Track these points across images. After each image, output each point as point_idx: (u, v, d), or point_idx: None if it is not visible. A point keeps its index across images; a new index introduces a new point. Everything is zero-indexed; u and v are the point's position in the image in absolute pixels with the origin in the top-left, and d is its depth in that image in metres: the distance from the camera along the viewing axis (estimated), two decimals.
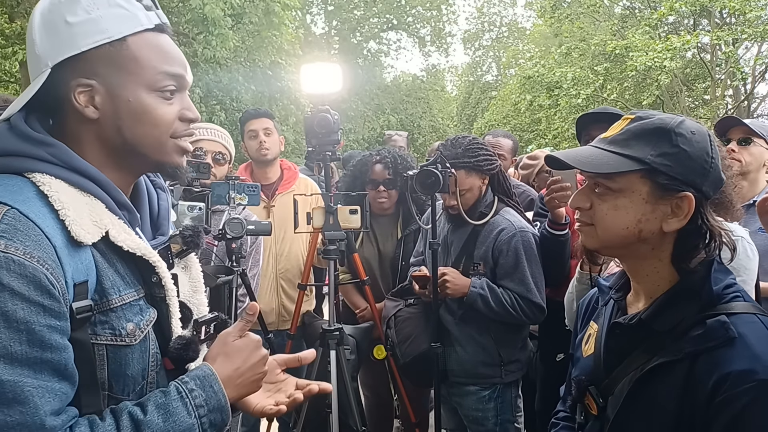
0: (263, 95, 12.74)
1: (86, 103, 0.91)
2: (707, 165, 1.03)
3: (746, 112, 16.65)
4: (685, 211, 1.03)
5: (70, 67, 0.90)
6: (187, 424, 0.89)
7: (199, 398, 0.91)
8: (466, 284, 2.25)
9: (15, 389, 0.77)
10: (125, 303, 0.91)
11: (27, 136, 0.89)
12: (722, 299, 1.02)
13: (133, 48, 0.91)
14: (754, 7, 12.56)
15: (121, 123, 0.92)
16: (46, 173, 0.87)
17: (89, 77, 0.90)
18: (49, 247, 0.81)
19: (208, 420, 0.91)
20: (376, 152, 2.90)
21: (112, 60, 0.90)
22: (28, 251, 0.79)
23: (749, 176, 2.34)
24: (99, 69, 0.90)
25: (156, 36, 0.95)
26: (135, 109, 0.92)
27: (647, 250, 1.07)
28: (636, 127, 1.06)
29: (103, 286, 0.89)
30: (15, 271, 0.77)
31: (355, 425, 2.39)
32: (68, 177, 0.89)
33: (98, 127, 0.92)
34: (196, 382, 0.92)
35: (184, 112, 0.97)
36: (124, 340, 0.90)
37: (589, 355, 1.20)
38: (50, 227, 0.83)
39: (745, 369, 0.92)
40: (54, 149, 0.89)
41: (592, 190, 1.09)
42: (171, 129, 0.96)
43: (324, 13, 26.62)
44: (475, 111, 28.92)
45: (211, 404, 0.92)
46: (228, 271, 2.35)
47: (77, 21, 0.88)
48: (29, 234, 0.80)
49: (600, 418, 1.10)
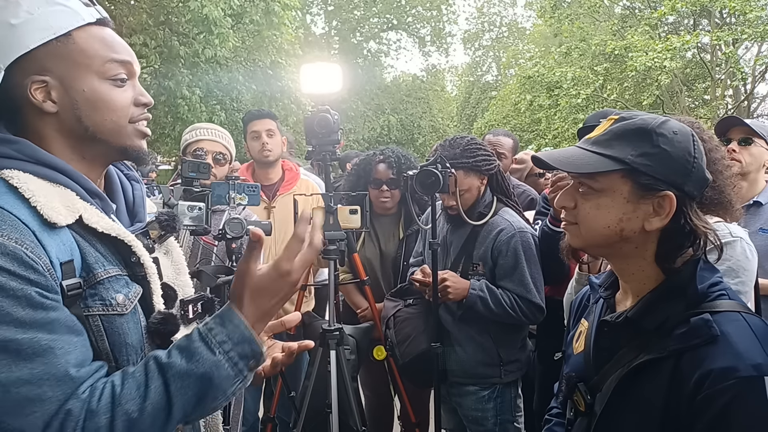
0: (263, 95, 12.73)
1: (43, 98, 0.95)
2: (689, 165, 1.04)
3: (746, 112, 16.64)
4: (667, 210, 1.04)
5: (22, 67, 0.93)
6: (212, 361, 0.89)
7: (220, 335, 0.91)
8: (466, 287, 2.26)
9: (32, 344, 0.80)
10: (111, 276, 0.95)
11: None
12: (707, 297, 1.04)
13: (79, 41, 0.96)
14: (754, 7, 12.56)
15: (80, 113, 0.96)
16: (13, 168, 0.91)
17: (42, 74, 0.94)
18: (26, 230, 0.85)
19: (236, 353, 0.91)
20: (379, 152, 2.90)
21: (61, 54, 0.95)
22: (5, 234, 0.82)
23: (749, 176, 2.34)
24: (50, 65, 0.94)
25: (99, 29, 0.99)
26: (90, 98, 0.96)
27: (631, 249, 1.09)
28: (618, 127, 1.07)
29: (88, 262, 0.92)
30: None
31: (355, 425, 2.39)
32: (35, 170, 0.92)
33: (58, 120, 0.96)
34: (216, 321, 0.93)
35: (138, 97, 1.02)
36: (115, 309, 0.93)
37: (580, 353, 1.21)
38: (24, 214, 0.86)
39: (727, 366, 0.93)
40: (18, 145, 0.93)
41: (576, 189, 1.11)
42: (128, 113, 1.01)
43: (324, 13, 26.63)
44: (475, 111, 28.91)
45: (235, 338, 0.92)
46: (228, 271, 2.35)
47: (20, 22, 0.92)
48: (4, 220, 0.84)
49: (588, 415, 1.12)
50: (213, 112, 11.59)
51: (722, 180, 1.49)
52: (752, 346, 0.96)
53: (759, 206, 2.33)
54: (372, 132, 25.04)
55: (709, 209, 1.18)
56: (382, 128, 25.54)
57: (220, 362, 0.90)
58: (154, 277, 1.02)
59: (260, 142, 2.96)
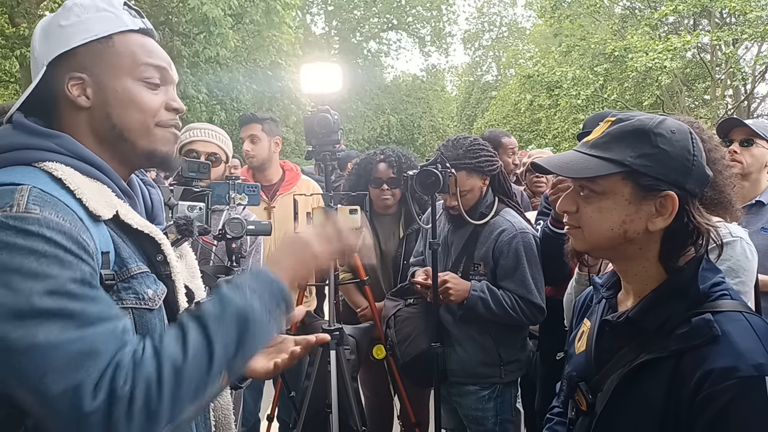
0: (263, 95, 12.74)
1: (79, 93, 1.00)
2: (689, 163, 1.04)
3: (746, 112, 16.65)
4: (669, 209, 1.04)
5: (63, 64, 0.99)
6: (245, 301, 0.91)
7: (248, 280, 0.94)
8: (467, 288, 2.26)
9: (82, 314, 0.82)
10: (143, 272, 0.98)
11: (34, 130, 0.97)
12: (709, 297, 1.03)
13: (119, 45, 1.01)
14: (754, 7, 12.56)
15: (110, 110, 1.00)
16: (57, 162, 0.94)
17: (80, 71, 0.99)
18: (75, 217, 0.88)
19: (266, 294, 0.93)
20: (380, 151, 2.92)
21: (100, 55, 1.00)
22: (60, 215, 0.86)
23: (751, 177, 2.34)
24: (88, 64, 0.99)
25: (141, 37, 1.05)
26: (122, 97, 1.01)
27: (635, 250, 1.08)
28: (616, 129, 1.07)
29: (122, 257, 0.96)
30: (54, 228, 0.84)
31: (355, 425, 2.39)
32: (76, 165, 0.96)
33: (90, 116, 1.01)
34: (245, 273, 0.97)
35: (169, 102, 1.05)
36: (147, 304, 0.97)
37: (581, 352, 1.21)
38: (72, 203, 0.90)
39: (728, 366, 0.93)
40: (61, 140, 0.97)
41: (577, 193, 1.11)
42: (156, 116, 1.03)
43: (324, 13, 26.64)
44: (475, 111, 28.95)
45: (263, 281, 0.95)
46: (228, 271, 2.35)
47: (68, 24, 0.99)
48: (57, 204, 0.87)
49: (589, 414, 1.12)
50: (213, 111, 11.60)
51: (722, 180, 1.49)
52: (753, 345, 0.96)
53: (761, 206, 2.34)
54: (372, 132, 25.04)
55: (710, 209, 1.18)
56: (382, 128, 25.55)
57: (251, 302, 0.91)
58: (179, 276, 1.05)
59: (244, 149, 3.00)
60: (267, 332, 0.94)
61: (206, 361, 0.86)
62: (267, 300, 0.93)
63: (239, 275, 0.97)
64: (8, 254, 0.81)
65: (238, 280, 0.94)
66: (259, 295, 0.92)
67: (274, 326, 0.95)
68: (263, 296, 0.93)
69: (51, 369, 0.78)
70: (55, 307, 0.81)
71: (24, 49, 9.12)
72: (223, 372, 0.88)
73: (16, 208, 0.84)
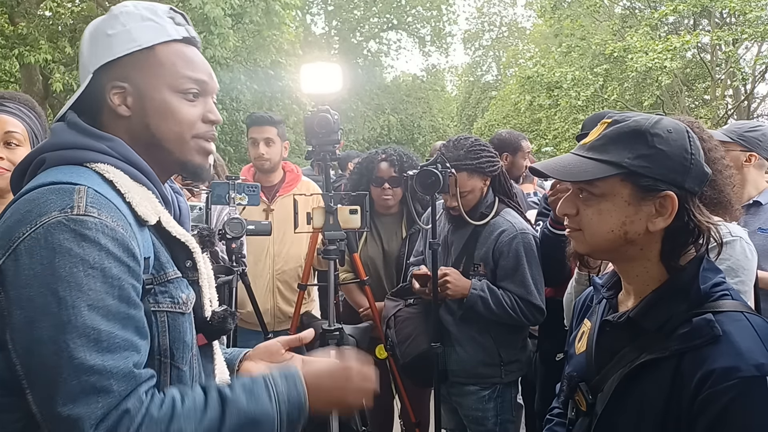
0: (264, 95, 12.73)
1: (120, 102, 1.02)
2: (687, 162, 1.04)
3: (746, 112, 16.65)
4: (669, 209, 1.03)
5: (107, 72, 1.02)
6: (267, 410, 0.94)
7: (282, 389, 0.97)
8: (467, 286, 2.26)
9: (109, 338, 0.85)
10: (178, 276, 1.01)
11: (87, 131, 1.00)
12: (710, 297, 1.03)
13: (160, 55, 1.04)
14: (754, 7, 12.56)
15: (149, 120, 1.03)
16: (107, 164, 0.97)
17: (122, 80, 1.02)
18: (126, 222, 0.92)
19: (286, 412, 0.96)
20: (382, 150, 2.93)
21: (142, 65, 1.03)
22: (114, 220, 0.89)
23: (747, 178, 2.35)
24: (131, 73, 1.02)
25: (183, 47, 1.07)
26: (160, 108, 1.03)
27: (636, 251, 1.08)
28: (612, 131, 1.07)
29: (161, 261, 0.99)
30: (109, 234, 0.87)
31: (356, 425, 2.39)
32: (125, 168, 0.99)
33: (129, 124, 1.03)
34: (281, 377, 1.00)
35: (206, 114, 1.07)
36: (181, 308, 0.99)
37: (582, 353, 1.21)
38: (122, 207, 0.93)
39: (729, 366, 0.93)
40: (112, 143, 1.00)
41: (576, 196, 1.11)
42: (193, 128, 1.06)
43: (324, 13, 26.60)
44: (475, 111, 28.92)
45: (292, 399, 0.98)
46: (228, 271, 2.35)
47: (114, 33, 1.02)
48: (111, 208, 0.90)
49: (589, 415, 1.12)
50: None
51: (722, 179, 1.50)
52: (754, 345, 0.96)
53: (759, 206, 2.34)
54: (372, 132, 25.01)
55: (709, 209, 1.18)
56: (382, 128, 25.53)
57: (272, 414, 0.95)
58: (206, 282, 1.08)
59: (256, 150, 2.95)
60: None
61: None
62: (285, 418, 0.96)
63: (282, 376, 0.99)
64: (62, 260, 0.84)
65: (277, 383, 0.97)
66: (281, 409, 0.96)
67: None
68: (282, 413, 0.96)
69: (63, 392, 0.82)
70: (88, 324, 0.84)
71: (23, 48, 9.11)
72: None
73: (76, 209, 0.86)
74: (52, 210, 0.86)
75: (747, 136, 2.36)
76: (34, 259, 0.84)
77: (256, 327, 2.68)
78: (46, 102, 10.78)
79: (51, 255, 0.84)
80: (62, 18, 10.58)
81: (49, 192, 0.88)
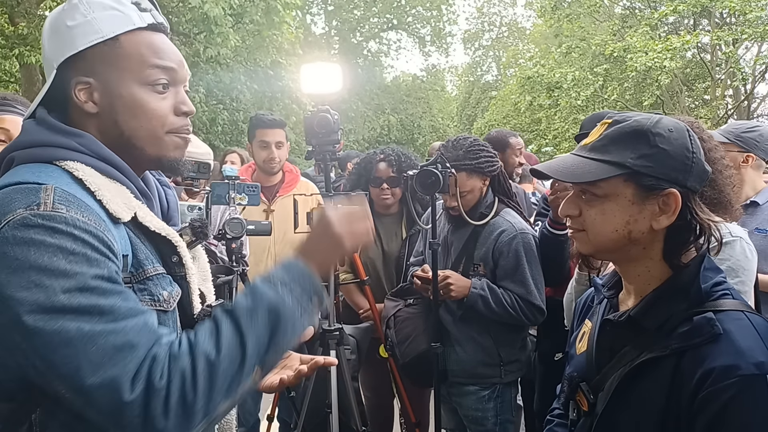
0: (264, 95, 12.73)
1: (86, 99, 0.97)
2: (688, 160, 1.04)
3: (746, 112, 16.65)
4: (672, 207, 1.04)
5: (71, 67, 0.96)
6: (275, 295, 0.92)
7: (279, 274, 0.95)
8: (467, 285, 2.26)
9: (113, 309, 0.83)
10: (159, 273, 0.97)
11: (57, 128, 0.96)
12: (711, 296, 1.03)
13: (126, 46, 0.97)
14: (754, 7, 12.56)
15: (118, 117, 0.98)
16: (77, 161, 0.94)
17: (87, 75, 0.97)
18: (98, 218, 0.88)
19: (297, 287, 0.94)
20: (380, 150, 2.93)
21: (107, 58, 0.97)
22: (85, 216, 0.86)
23: (747, 177, 2.35)
24: (96, 67, 0.97)
25: (150, 34, 1.00)
26: (128, 103, 0.98)
27: (638, 250, 1.09)
28: (613, 131, 1.07)
29: (138, 258, 0.95)
30: (81, 227, 0.84)
31: (356, 425, 2.39)
32: (97, 165, 0.95)
33: (99, 121, 0.99)
34: (277, 268, 0.97)
35: (178, 106, 1.02)
36: (162, 305, 0.96)
37: (582, 353, 1.21)
38: (93, 205, 0.90)
39: (729, 364, 0.93)
40: (83, 139, 0.96)
41: (579, 197, 1.11)
42: (166, 123, 1.01)
43: (324, 13, 26.61)
44: (475, 111, 28.93)
45: (294, 274, 0.95)
46: (228, 270, 2.35)
47: (75, 24, 0.96)
48: (80, 206, 0.87)
49: (590, 415, 1.12)
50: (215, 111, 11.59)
51: (722, 179, 1.49)
52: (755, 344, 0.96)
53: (756, 206, 2.35)
54: (372, 132, 25.02)
55: (709, 209, 1.18)
56: (382, 128, 25.55)
57: (283, 296, 0.92)
58: (193, 277, 1.05)
59: (268, 154, 2.94)
60: (298, 326, 0.94)
61: (239, 356, 0.87)
62: (299, 294, 0.94)
63: (272, 268, 0.97)
64: (37, 252, 0.80)
65: (270, 274, 0.94)
66: (291, 288, 0.93)
67: (306, 320, 0.95)
68: (295, 290, 0.93)
69: (86, 362, 0.79)
70: (86, 303, 0.81)
71: (23, 48, 9.11)
72: (256, 367, 0.89)
73: (43, 206, 0.83)
74: (17, 208, 0.82)
75: (744, 136, 2.36)
76: (7, 257, 0.80)
77: None
78: None
79: (25, 250, 0.80)
80: None
81: (13, 192, 0.85)
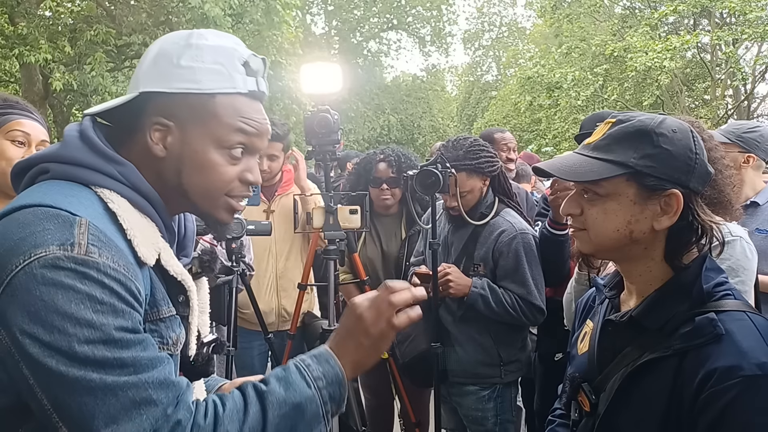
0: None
1: (158, 140, 0.94)
2: (691, 161, 1.04)
3: (746, 112, 16.65)
4: (674, 208, 1.04)
5: (155, 100, 0.94)
6: (307, 394, 0.91)
7: (316, 371, 0.94)
8: (468, 284, 2.26)
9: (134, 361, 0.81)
10: (171, 315, 0.95)
11: (100, 151, 0.92)
12: (712, 297, 1.03)
13: (219, 106, 0.94)
14: (754, 7, 12.56)
15: (183, 168, 0.95)
16: (114, 190, 0.91)
17: (169, 118, 0.94)
18: (127, 261, 0.85)
19: (327, 392, 0.94)
20: (380, 151, 2.92)
21: (195, 110, 0.94)
22: (116, 260, 0.83)
23: (746, 178, 2.35)
24: (180, 113, 0.94)
25: (247, 101, 0.97)
26: (200, 161, 0.95)
27: (640, 250, 1.08)
28: (617, 131, 1.07)
29: (156, 298, 0.92)
30: (112, 275, 0.81)
31: (356, 425, 2.39)
32: (132, 197, 0.92)
33: (161, 165, 0.95)
34: (311, 358, 0.96)
35: (245, 175, 0.99)
36: (170, 348, 0.93)
37: (584, 353, 1.21)
38: (123, 246, 0.87)
39: (731, 365, 0.93)
40: (124, 168, 0.92)
41: (581, 195, 1.11)
42: (227, 188, 0.98)
43: (324, 13, 26.62)
44: (475, 111, 28.94)
45: (329, 377, 0.94)
46: (228, 271, 2.35)
47: (179, 64, 0.93)
48: (112, 248, 0.84)
49: (592, 415, 1.12)
50: None
51: (722, 179, 1.50)
52: (757, 345, 0.96)
53: (756, 207, 2.35)
54: (372, 132, 25.03)
55: (710, 209, 1.18)
56: (382, 128, 25.55)
57: (313, 397, 0.92)
58: (195, 320, 1.03)
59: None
60: (316, 427, 0.93)
61: None
62: (327, 398, 0.93)
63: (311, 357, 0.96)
64: (65, 297, 0.78)
65: (308, 365, 0.94)
66: (321, 387, 0.93)
67: (322, 424, 0.94)
68: (324, 394, 0.93)
69: (103, 413, 0.78)
70: (109, 356, 0.79)
71: (23, 48, 9.11)
72: None
73: (77, 249, 0.80)
74: (50, 243, 0.79)
75: (745, 137, 2.36)
76: (32, 296, 0.77)
77: (256, 327, 2.68)
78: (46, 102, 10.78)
79: (52, 292, 0.77)
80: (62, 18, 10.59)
81: (46, 219, 0.81)
